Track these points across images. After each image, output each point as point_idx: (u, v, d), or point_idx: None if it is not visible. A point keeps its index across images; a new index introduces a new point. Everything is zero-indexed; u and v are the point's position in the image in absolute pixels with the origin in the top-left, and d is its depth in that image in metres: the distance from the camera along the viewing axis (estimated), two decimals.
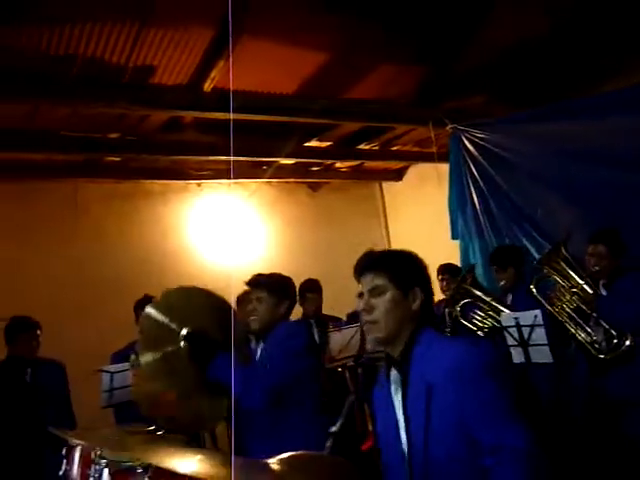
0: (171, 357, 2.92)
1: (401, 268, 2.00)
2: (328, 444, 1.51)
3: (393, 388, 1.96)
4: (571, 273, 4.18)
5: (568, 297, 4.11)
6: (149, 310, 2.97)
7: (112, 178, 6.67)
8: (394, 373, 1.97)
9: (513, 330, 3.91)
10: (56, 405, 4.31)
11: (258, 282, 3.32)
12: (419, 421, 1.82)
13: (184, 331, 2.95)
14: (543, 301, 4.11)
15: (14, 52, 4.13)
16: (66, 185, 6.46)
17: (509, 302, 4.56)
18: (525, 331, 3.84)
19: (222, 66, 4.57)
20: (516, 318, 3.91)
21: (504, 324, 4.01)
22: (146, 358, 2.89)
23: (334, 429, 1.68)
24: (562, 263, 4.21)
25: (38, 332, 4.41)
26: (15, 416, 4.19)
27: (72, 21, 3.93)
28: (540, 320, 3.80)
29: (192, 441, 2.46)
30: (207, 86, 4.80)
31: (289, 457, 1.52)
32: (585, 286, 4.10)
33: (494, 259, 4.76)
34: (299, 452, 1.58)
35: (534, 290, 4.19)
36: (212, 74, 4.69)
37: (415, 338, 1.93)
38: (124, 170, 6.60)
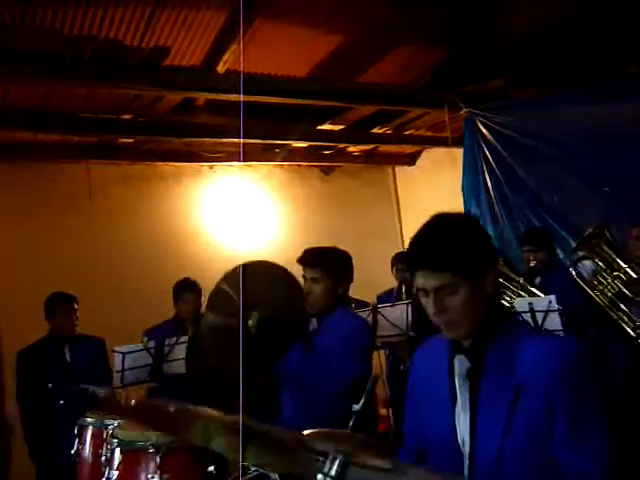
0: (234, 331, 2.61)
1: (468, 256, 1.62)
2: (351, 423, 1.43)
3: (457, 380, 1.67)
4: (614, 257, 4.10)
5: (610, 280, 4.05)
6: (223, 286, 2.71)
7: (125, 160, 6.69)
8: (460, 362, 1.67)
9: (527, 316, 3.89)
10: (96, 382, 4.34)
11: (313, 260, 2.94)
12: (495, 423, 1.56)
13: (255, 313, 2.63)
14: (583, 284, 4.07)
15: (30, 33, 4.12)
16: (79, 166, 6.46)
17: (538, 284, 4.53)
18: (539, 317, 3.83)
19: (236, 48, 4.54)
20: (530, 303, 3.89)
21: (518, 309, 3.99)
22: (210, 319, 2.70)
23: (357, 407, 1.58)
24: (605, 246, 4.15)
25: (76, 305, 4.47)
26: (54, 394, 4.26)
27: (87, 2, 3.92)
28: (555, 306, 3.77)
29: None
30: (221, 68, 4.78)
31: (315, 432, 1.48)
32: (628, 270, 4.02)
33: (529, 239, 4.74)
34: (324, 429, 1.53)
35: (574, 273, 4.15)
36: (225, 56, 4.66)
37: (492, 325, 1.65)
38: (137, 152, 6.61)
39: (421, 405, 1.79)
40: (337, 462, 0.89)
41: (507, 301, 4.50)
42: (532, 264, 4.61)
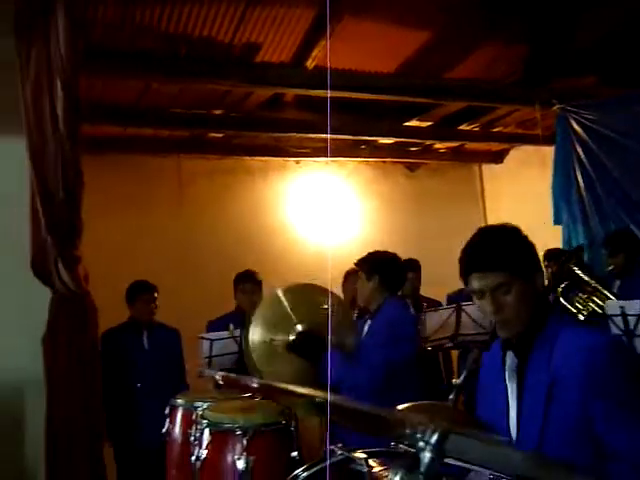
0: (278, 344, 2.98)
1: (520, 257, 1.77)
2: (451, 396, 1.47)
3: (507, 374, 1.79)
4: None
5: None
6: (279, 292, 3.02)
7: (214, 154, 6.87)
8: (510, 358, 1.80)
9: (618, 319, 3.76)
10: (171, 369, 4.54)
11: (358, 261, 3.46)
12: (535, 413, 1.68)
13: (299, 327, 2.97)
14: None
15: (128, 32, 4.32)
16: (170, 160, 6.69)
17: (616, 288, 4.42)
18: (631, 320, 3.69)
19: (324, 44, 4.59)
20: (622, 307, 3.76)
21: (609, 312, 3.86)
22: (256, 336, 2.96)
23: (458, 382, 1.63)
24: None
25: (156, 294, 4.65)
26: (131, 378, 4.44)
27: (182, 1, 4.06)
28: None
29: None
30: (310, 64, 4.85)
31: (413, 404, 1.54)
32: None
33: (608, 242, 4.66)
34: (425, 401, 1.60)
35: None
36: (314, 52, 4.73)
37: (538, 321, 1.76)
38: (226, 146, 6.78)
39: (484, 398, 1.92)
40: (438, 431, 0.92)
41: (580, 303, 4.39)
42: (610, 268, 4.53)
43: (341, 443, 1.55)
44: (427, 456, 0.92)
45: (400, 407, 1.47)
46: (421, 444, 0.92)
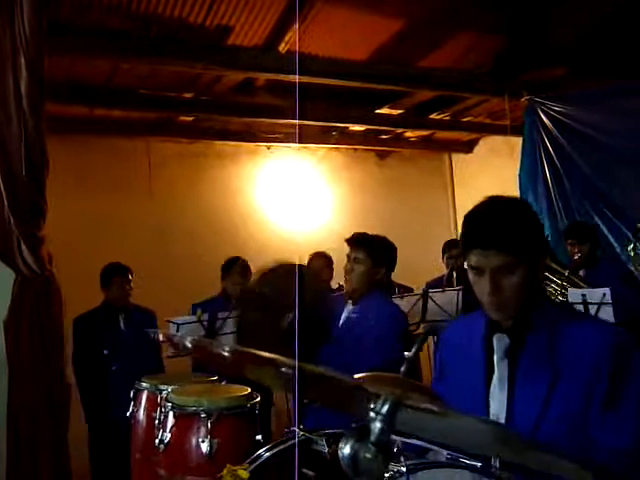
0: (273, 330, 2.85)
1: (530, 241, 1.61)
2: (403, 369, 1.47)
3: (497, 357, 1.65)
4: None
5: None
6: (265, 290, 2.77)
7: (184, 137, 6.79)
8: (500, 340, 1.65)
9: (579, 307, 3.84)
10: (147, 352, 4.52)
11: (359, 241, 3.12)
12: (533, 403, 1.56)
13: (289, 317, 2.67)
14: None
15: (97, 10, 4.23)
16: (140, 142, 6.61)
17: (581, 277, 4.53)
18: (592, 309, 3.78)
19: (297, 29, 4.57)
20: (583, 295, 3.84)
21: (570, 300, 3.95)
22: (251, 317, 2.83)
23: (410, 355, 1.62)
24: None
25: (130, 277, 4.61)
26: (108, 360, 4.40)
27: None
28: (609, 298, 3.71)
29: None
30: (282, 48, 4.82)
31: (366, 374, 1.54)
32: None
33: (572, 233, 4.75)
34: (377, 372, 1.59)
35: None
36: (287, 37, 4.70)
37: (533, 306, 1.63)
38: (196, 130, 6.71)
39: (450, 380, 1.79)
40: (389, 402, 0.93)
41: (552, 294, 4.48)
42: (576, 257, 4.65)
43: (302, 425, 1.57)
44: (377, 426, 0.93)
45: (358, 375, 1.47)
46: (372, 414, 0.93)
